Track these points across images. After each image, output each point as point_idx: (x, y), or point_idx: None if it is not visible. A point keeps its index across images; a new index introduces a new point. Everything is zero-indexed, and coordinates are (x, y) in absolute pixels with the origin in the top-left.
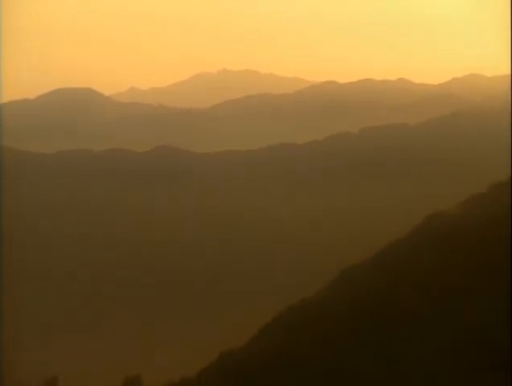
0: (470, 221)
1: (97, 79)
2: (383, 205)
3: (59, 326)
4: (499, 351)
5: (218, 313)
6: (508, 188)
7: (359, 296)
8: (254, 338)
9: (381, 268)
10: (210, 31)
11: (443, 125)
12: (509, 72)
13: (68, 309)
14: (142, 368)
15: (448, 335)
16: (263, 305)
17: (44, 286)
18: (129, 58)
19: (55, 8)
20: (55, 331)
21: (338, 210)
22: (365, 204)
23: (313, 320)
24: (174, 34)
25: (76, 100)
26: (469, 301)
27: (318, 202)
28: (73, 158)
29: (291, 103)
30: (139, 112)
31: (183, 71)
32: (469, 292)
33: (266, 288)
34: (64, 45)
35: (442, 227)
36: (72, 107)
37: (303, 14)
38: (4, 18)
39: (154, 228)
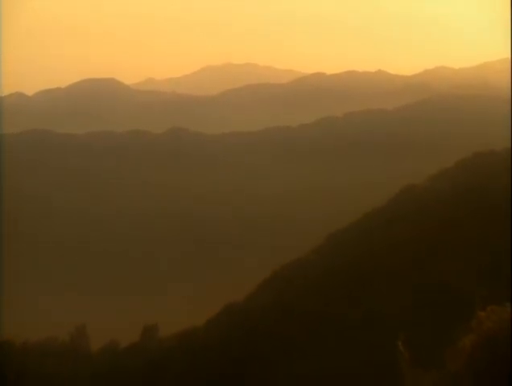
0: (438, 192)
1: (119, 71)
2: (365, 179)
3: (90, 285)
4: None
5: (223, 271)
6: (471, 164)
7: (343, 255)
8: (254, 293)
9: (363, 232)
10: (216, 30)
11: (415, 111)
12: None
13: (98, 270)
14: (159, 318)
15: (420, 291)
16: (262, 264)
17: (78, 251)
18: (146, 53)
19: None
20: (87, 290)
21: (326, 183)
22: (349, 178)
23: (304, 276)
24: (185, 33)
25: (102, 89)
26: (438, 260)
27: (309, 175)
28: (99, 137)
29: (286, 91)
30: (155, 99)
31: (193, 64)
32: (438, 253)
33: (264, 250)
34: (91, 43)
35: (415, 197)
36: (98, 94)
37: (297, 15)
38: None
39: (168, 197)
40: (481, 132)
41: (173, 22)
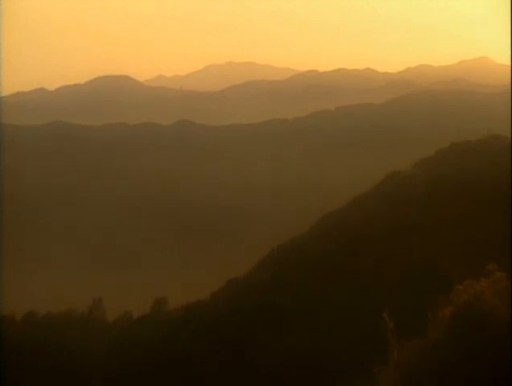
0: (420, 178)
1: (132, 69)
2: (354, 165)
3: (104, 262)
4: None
5: (226, 249)
6: (450, 153)
7: (335, 235)
8: (253, 269)
9: (352, 215)
10: (219, 32)
11: (399, 105)
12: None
13: (111, 248)
14: (168, 292)
15: (405, 268)
16: (261, 243)
17: (95, 232)
18: (157, 53)
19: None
20: (102, 267)
21: (319, 170)
22: (341, 165)
23: (300, 254)
24: (191, 35)
25: (117, 85)
26: (420, 240)
27: (303, 163)
28: (114, 129)
29: (282, 87)
30: (164, 95)
31: (199, 62)
32: (419, 233)
33: (263, 230)
34: (108, 44)
35: (399, 183)
36: (113, 90)
37: (293, 19)
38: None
39: (176, 183)
40: (458, 124)
41: (181, 25)
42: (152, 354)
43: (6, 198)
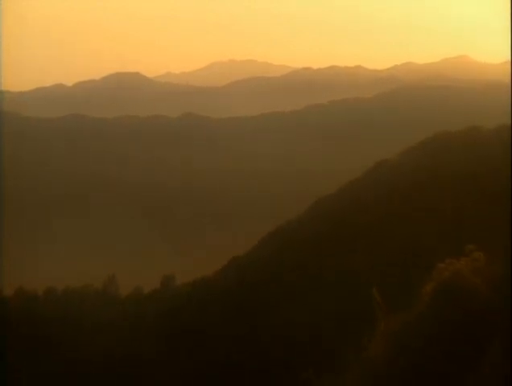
0: (405, 165)
1: (143, 66)
2: (345, 154)
3: (117, 241)
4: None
5: (229, 230)
6: (433, 143)
7: (327, 216)
8: (254, 248)
9: (344, 198)
10: (222, 34)
11: (387, 99)
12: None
13: (124, 229)
14: (175, 269)
15: (392, 247)
16: (261, 224)
17: (110, 213)
18: (165, 52)
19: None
20: (115, 246)
21: (314, 158)
22: (333, 154)
23: (295, 234)
24: (197, 35)
25: (128, 81)
26: (406, 221)
27: (299, 152)
28: (125, 121)
29: (280, 83)
30: (172, 90)
31: (203, 60)
32: (406, 215)
33: (263, 213)
34: (121, 43)
35: (387, 169)
36: (125, 85)
37: (290, 20)
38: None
39: (183, 169)
40: (440, 116)
41: (187, 26)
42: (161, 325)
43: (28, 182)
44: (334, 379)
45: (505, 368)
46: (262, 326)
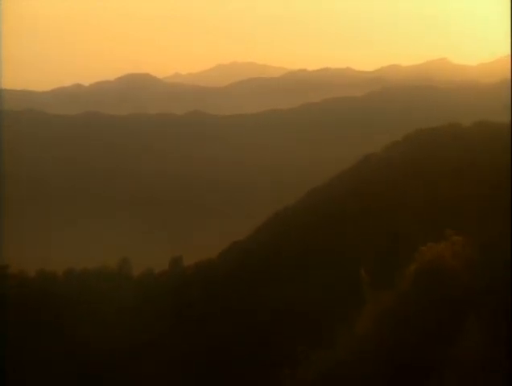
0: (390, 158)
1: (153, 67)
2: (337, 147)
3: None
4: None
5: (231, 216)
6: (416, 138)
7: (320, 204)
8: (254, 233)
9: (335, 187)
10: (225, 38)
11: (374, 97)
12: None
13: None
14: (182, 251)
15: (378, 233)
16: (260, 211)
17: (123, 203)
18: (174, 55)
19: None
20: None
21: (308, 151)
22: (325, 147)
23: (292, 220)
24: (202, 40)
25: (140, 81)
26: (391, 210)
27: (295, 146)
28: (137, 118)
29: (278, 83)
30: (180, 89)
31: (208, 62)
32: (391, 204)
33: (262, 200)
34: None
35: (374, 162)
36: (137, 85)
37: (286, 26)
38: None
39: (191, 162)
40: (422, 113)
41: (194, 31)
42: (170, 302)
43: (48, 171)
44: (326, 352)
45: (481, 342)
46: (260, 303)
